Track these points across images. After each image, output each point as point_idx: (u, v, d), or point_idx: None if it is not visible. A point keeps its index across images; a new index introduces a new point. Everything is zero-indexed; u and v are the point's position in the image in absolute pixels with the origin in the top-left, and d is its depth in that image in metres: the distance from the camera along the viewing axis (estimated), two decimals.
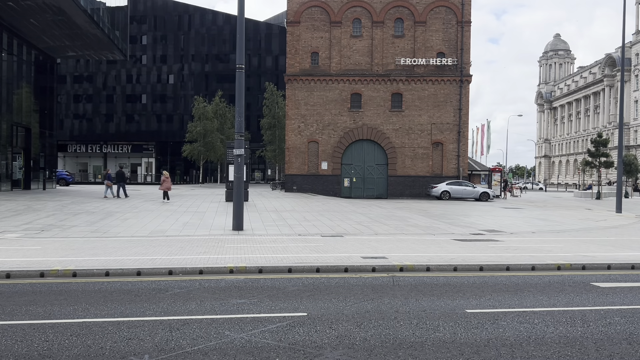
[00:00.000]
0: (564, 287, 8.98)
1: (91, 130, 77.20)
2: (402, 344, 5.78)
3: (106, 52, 38.27)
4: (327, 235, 14.99)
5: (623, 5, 26.31)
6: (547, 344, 5.88)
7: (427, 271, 10.28)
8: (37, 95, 35.91)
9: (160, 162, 77.04)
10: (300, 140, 36.95)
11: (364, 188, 36.93)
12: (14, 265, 9.63)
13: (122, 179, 28.54)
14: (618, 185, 27.38)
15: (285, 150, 38.38)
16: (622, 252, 12.73)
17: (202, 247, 12.25)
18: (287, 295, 8.07)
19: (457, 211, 25.61)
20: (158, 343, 5.72)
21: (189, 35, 76.67)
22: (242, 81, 15.65)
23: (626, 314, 7.26)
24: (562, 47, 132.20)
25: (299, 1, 36.90)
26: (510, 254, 12.02)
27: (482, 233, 16.55)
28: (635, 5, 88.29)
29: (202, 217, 19.39)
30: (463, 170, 37.28)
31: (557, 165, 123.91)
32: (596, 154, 45.45)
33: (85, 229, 15.48)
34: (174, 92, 76.85)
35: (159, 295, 7.93)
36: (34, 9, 28.08)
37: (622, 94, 27.63)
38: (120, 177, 28.52)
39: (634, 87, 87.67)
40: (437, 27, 37.11)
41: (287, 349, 5.59)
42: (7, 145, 31.64)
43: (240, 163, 15.80)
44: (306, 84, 36.93)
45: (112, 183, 28.34)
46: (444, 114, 36.91)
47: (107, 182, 28.51)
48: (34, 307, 7.15)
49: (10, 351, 5.42)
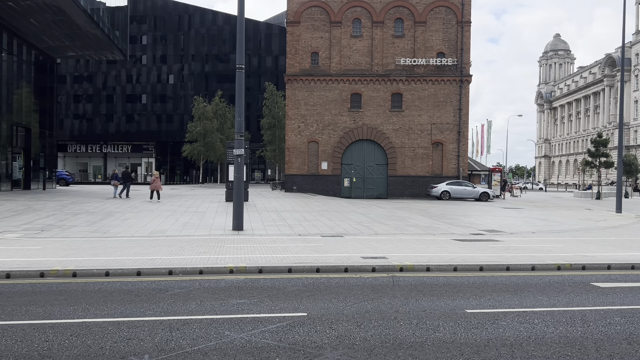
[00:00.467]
0: (564, 287, 8.98)
1: (91, 130, 77.19)
2: (402, 344, 5.78)
3: (106, 52, 38.27)
4: (327, 235, 14.99)
5: (623, 5, 26.32)
6: (547, 344, 5.88)
7: (427, 271, 10.28)
8: (37, 95, 35.92)
9: (160, 162, 77.04)
10: (300, 140, 36.95)
11: (364, 188, 36.93)
12: (14, 265, 9.63)
13: (128, 179, 28.81)
14: (618, 185, 27.38)
15: (285, 150, 38.38)
16: (622, 252, 12.73)
17: (202, 247, 12.25)
18: (287, 295, 8.07)
19: (457, 211, 25.61)
20: (158, 343, 5.72)
21: (189, 35, 76.67)
22: (242, 81, 15.65)
23: (626, 314, 7.26)
24: (562, 47, 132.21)
25: (299, 1, 36.90)
26: (510, 254, 12.02)
27: (482, 233, 16.55)
28: (635, 5, 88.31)
29: (202, 217, 19.39)
30: (463, 170, 37.28)
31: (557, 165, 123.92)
32: (596, 154, 45.45)
33: (85, 229, 15.48)
34: (174, 92, 76.83)
35: (159, 295, 7.93)
36: (34, 9, 28.07)
37: (622, 94, 27.63)
38: (126, 177, 28.83)
39: (634, 87, 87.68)
40: (437, 27, 37.11)
41: (287, 349, 5.59)
42: (7, 145, 31.64)
43: (240, 163, 15.79)
44: (306, 84, 36.93)
45: (119, 183, 28.61)
46: (444, 114, 36.91)
47: (114, 182, 28.82)
48: (34, 307, 7.15)
49: (10, 351, 5.41)
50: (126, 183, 28.53)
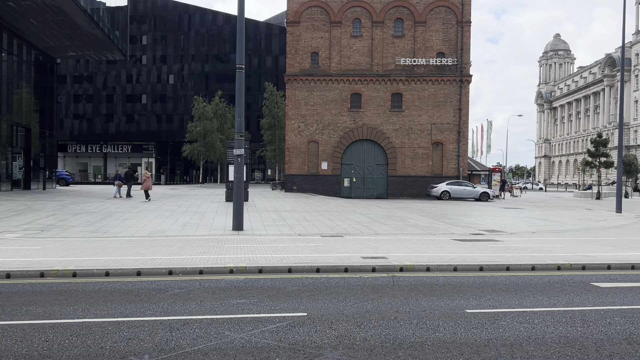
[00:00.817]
0: (564, 287, 8.98)
1: (91, 130, 77.19)
2: (402, 344, 5.78)
3: (106, 52, 38.27)
4: (327, 235, 14.99)
5: (623, 5, 26.31)
6: (547, 344, 5.88)
7: (427, 271, 10.28)
8: (37, 95, 35.91)
9: (160, 162, 77.06)
10: (300, 140, 36.95)
11: (364, 188, 36.93)
12: (14, 265, 9.63)
13: (130, 179, 29.23)
14: (618, 185, 27.38)
15: (285, 150, 38.38)
16: (622, 252, 12.73)
17: (202, 247, 12.25)
18: (287, 295, 8.07)
19: (457, 211, 25.61)
20: (158, 343, 5.72)
21: (189, 35, 76.66)
22: (242, 81, 15.66)
23: (626, 314, 7.26)
24: (562, 47, 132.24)
25: (299, 1, 36.90)
26: (510, 254, 12.02)
27: (482, 233, 16.55)
28: (635, 5, 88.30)
29: (202, 217, 19.39)
30: (463, 170, 37.28)
31: (557, 165, 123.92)
32: (596, 154, 45.45)
33: (85, 229, 15.48)
34: (174, 92, 76.83)
35: (159, 295, 7.93)
36: (34, 9, 28.07)
37: (622, 94, 27.64)
38: (129, 177, 29.33)
39: (634, 87, 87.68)
40: (437, 27, 37.12)
41: (287, 349, 5.59)
42: (7, 145, 31.65)
43: (240, 163, 15.80)
44: (306, 84, 36.93)
45: (123, 183, 28.88)
46: (444, 114, 36.91)
47: (117, 182, 29.12)
48: (34, 307, 7.15)
49: (10, 351, 5.42)
50: (128, 183, 28.85)
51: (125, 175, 29.33)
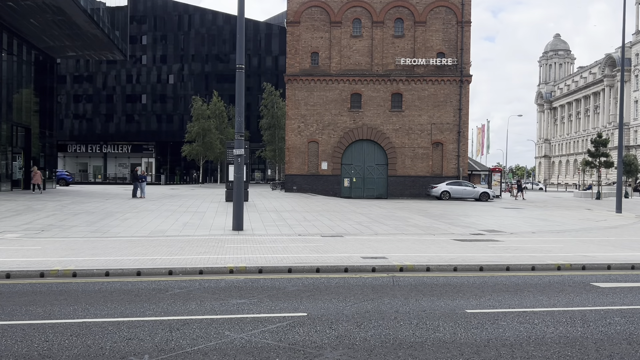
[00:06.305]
0: (564, 287, 8.98)
1: (91, 130, 77.19)
2: (402, 344, 5.78)
3: (106, 52, 38.26)
4: (327, 236, 14.98)
5: (623, 5, 26.30)
6: (547, 344, 5.88)
7: (427, 271, 10.27)
8: (37, 95, 35.91)
9: (160, 162, 77.09)
10: (300, 140, 36.94)
11: (364, 188, 36.93)
12: (14, 265, 9.63)
13: (135, 179, 30.12)
14: (618, 185, 27.38)
15: (285, 150, 38.38)
16: (622, 252, 12.72)
17: (202, 247, 12.25)
18: (287, 295, 8.07)
19: (457, 211, 25.61)
20: (158, 343, 5.72)
21: (189, 35, 76.65)
22: (242, 81, 15.65)
23: (626, 314, 7.26)
24: (562, 47, 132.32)
25: (299, 1, 36.89)
26: (510, 254, 12.01)
27: (482, 233, 16.55)
28: (635, 5, 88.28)
29: (202, 217, 19.39)
30: (463, 171, 37.28)
31: (557, 165, 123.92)
32: (596, 154, 45.45)
33: (85, 229, 15.48)
34: (174, 92, 76.83)
35: (159, 296, 7.93)
36: (34, 9, 28.07)
37: (622, 94, 27.63)
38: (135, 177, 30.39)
39: (634, 87, 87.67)
40: (437, 27, 37.11)
41: (287, 349, 5.59)
42: (7, 145, 31.64)
43: (240, 163, 15.79)
44: (306, 84, 36.93)
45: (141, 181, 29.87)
46: (444, 114, 36.91)
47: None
48: (34, 307, 7.15)
49: (10, 351, 5.41)
50: (134, 182, 29.84)
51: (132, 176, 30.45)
